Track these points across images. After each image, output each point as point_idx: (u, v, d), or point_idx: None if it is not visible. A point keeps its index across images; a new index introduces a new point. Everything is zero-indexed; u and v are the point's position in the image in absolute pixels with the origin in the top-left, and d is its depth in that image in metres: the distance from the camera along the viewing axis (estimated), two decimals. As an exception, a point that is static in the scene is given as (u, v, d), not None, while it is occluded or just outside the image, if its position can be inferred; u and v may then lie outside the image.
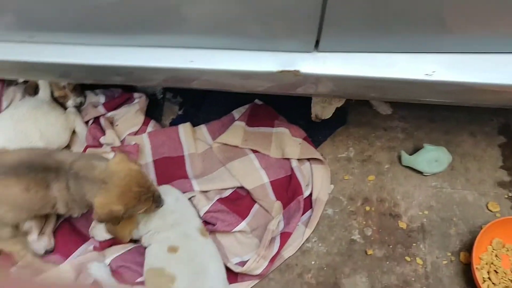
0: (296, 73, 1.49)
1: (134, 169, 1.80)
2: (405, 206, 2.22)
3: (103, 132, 2.40)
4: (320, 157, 2.30)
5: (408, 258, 2.09)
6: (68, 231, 2.21)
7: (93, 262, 2.04)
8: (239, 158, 2.32)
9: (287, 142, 2.32)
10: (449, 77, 1.46)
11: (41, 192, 1.83)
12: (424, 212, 2.20)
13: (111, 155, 2.26)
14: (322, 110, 2.27)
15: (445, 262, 2.08)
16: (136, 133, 2.44)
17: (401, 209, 2.22)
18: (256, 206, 2.23)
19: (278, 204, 2.17)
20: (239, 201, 2.24)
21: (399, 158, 2.33)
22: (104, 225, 2.01)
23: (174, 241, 1.95)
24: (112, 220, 1.79)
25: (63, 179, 1.82)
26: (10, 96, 2.57)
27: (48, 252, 2.11)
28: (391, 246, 2.13)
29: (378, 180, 2.30)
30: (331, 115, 2.31)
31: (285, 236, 2.12)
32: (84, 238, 2.19)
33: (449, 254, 2.10)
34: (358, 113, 2.49)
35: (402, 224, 2.17)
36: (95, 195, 1.75)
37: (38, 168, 1.83)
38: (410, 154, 2.31)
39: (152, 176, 2.30)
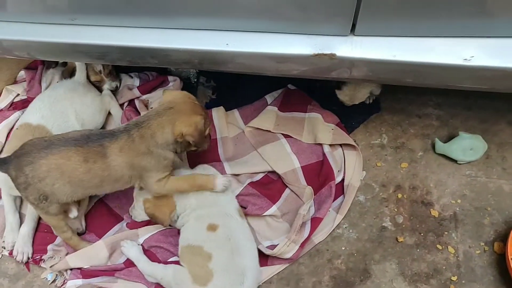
0: (331, 56, 1.49)
1: (185, 92, 1.98)
2: (437, 194, 2.20)
3: (138, 114, 2.44)
4: (353, 143, 2.29)
5: (439, 247, 2.07)
6: (102, 212, 2.28)
7: (126, 241, 2.10)
8: (271, 142, 2.33)
9: (320, 128, 2.32)
10: (488, 62, 1.43)
11: (99, 161, 1.84)
12: (457, 201, 2.17)
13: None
14: (352, 95, 2.26)
15: (478, 252, 2.05)
16: (170, 116, 2.48)
17: (433, 197, 2.19)
18: (287, 190, 2.24)
19: (309, 190, 2.17)
20: (270, 185, 2.26)
21: (433, 145, 2.30)
22: (144, 209, 2.05)
23: (214, 219, 1.98)
24: (199, 139, 1.89)
25: (121, 136, 1.84)
26: (48, 78, 2.64)
27: (79, 234, 2.17)
28: (422, 234, 2.11)
29: (411, 167, 2.28)
30: (364, 99, 2.30)
31: (316, 222, 2.13)
32: (117, 218, 2.26)
33: (482, 244, 2.07)
34: (392, 100, 2.46)
35: (434, 212, 2.15)
36: (171, 123, 1.84)
37: (97, 136, 1.86)
38: (445, 142, 2.27)
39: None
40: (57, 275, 2.11)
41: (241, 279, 1.88)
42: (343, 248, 2.11)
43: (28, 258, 2.14)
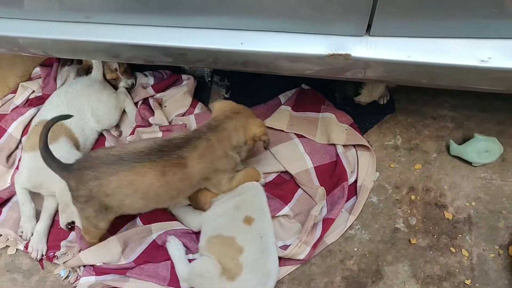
0: (346, 57, 1.49)
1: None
2: (451, 197, 2.18)
3: (152, 113, 2.46)
4: (367, 144, 2.28)
5: (453, 249, 2.06)
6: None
7: (173, 237, 2.07)
8: (284, 142, 2.33)
9: (333, 128, 2.31)
10: (506, 64, 1.41)
11: (179, 172, 1.82)
12: (471, 204, 2.15)
13: (159, 135, 2.33)
14: (370, 95, 2.26)
15: (492, 255, 2.03)
16: (183, 115, 2.50)
17: (447, 199, 2.18)
18: (299, 191, 2.23)
19: (321, 190, 2.17)
20: (283, 186, 2.25)
21: (448, 147, 2.28)
22: None
23: (252, 212, 2.00)
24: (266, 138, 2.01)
25: (199, 143, 1.85)
26: (64, 75, 2.67)
27: None
28: (435, 236, 2.09)
29: (425, 169, 2.26)
30: (381, 94, 2.30)
31: (328, 222, 2.12)
32: (131, 216, 2.26)
33: (497, 247, 2.05)
34: (407, 101, 2.45)
35: (448, 215, 2.13)
36: (242, 126, 1.95)
37: (169, 147, 1.82)
38: (459, 144, 2.25)
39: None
40: (70, 271, 2.12)
41: (265, 279, 1.89)
42: (355, 249, 2.10)
43: (42, 255, 2.16)
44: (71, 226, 2.20)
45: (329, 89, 2.47)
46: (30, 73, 2.72)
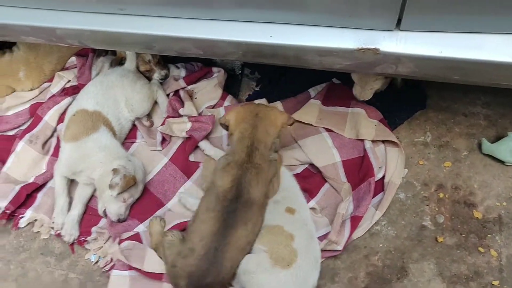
0: (375, 51, 1.48)
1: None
2: (481, 196, 2.14)
3: (182, 104, 2.49)
4: (396, 140, 2.26)
5: (481, 249, 2.02)
6: (145, 197, 2.33)
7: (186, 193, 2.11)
8: (312, 135, 2.33)
9: (362, 123, 2.30)
10: (543, 61, 1.38)
11: (253, 213, 1.90)
12: (502, 204, 2.11)
13: (188, 125, 2.37)
14: (361, 91, 2.25)
15: (522, 256, 2.00)
16: (213, 107, 2.52)
17: (477, 198, 2.14)
18: (326, 185, 2.24)
19: (347, 186, 2.16)
20: (309, 179, 2.26)
21: (479, 145, 2.24)
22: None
23: (292, 203, 2.02)
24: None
25: (251, 177, 1.89)
26: (99, 66, 2.73)
27: (120, 221, 2.22)
28: (463, 235, 2.06)
29: (455, 167, 2.23)
30: (370, 96, 2.28)
31: (355, 220, 2.11)
32: (159, 205, 2.31)
33: (528, 249, 2.01)
34: (438, 97, 2.41)
35: (477, 214, 2.10)
36: (268, 124, 1.96)
37: (231, 202, 1.86)
38: (492, 143, 2.21)
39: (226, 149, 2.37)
40: (100, 256, 2.19)
41: (316, 264, 1.92)
42: (380, 245, 2.09)
43: (74, 240, 2.23)
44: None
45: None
46: (65, 60, 2.79)
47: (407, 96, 2.40)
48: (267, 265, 1.83)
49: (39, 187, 2.39)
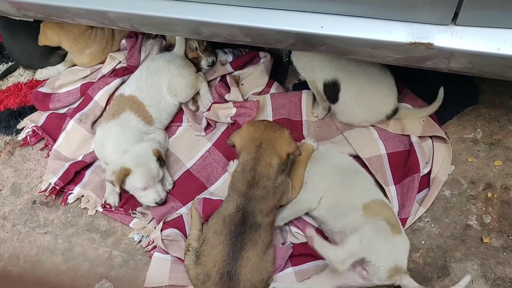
0: (429, 46, 1.44)
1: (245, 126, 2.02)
2: (533, 198, 2.07)
3: (228, 90, 2.51)
4: (444, 136, 2.20)
5: (529, 253, 1.96)
6: (188, 180, 2.37)
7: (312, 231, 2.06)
8: (358, 127, 2.30)
9: (409, 118, 2.26)
10: None
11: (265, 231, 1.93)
12: (555, 207, 2.04)
13: (233, 111, 2.39)
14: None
15: None
16: (260, 93, 2.53)
17: (528, 200, 2.07)
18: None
19: (393, 189, 2.15)
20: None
21: (534, 145, 2.15)
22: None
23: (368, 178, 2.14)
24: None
25: (259, 201, 1.90)
26: (148, 48, 2.78)
27: (159, 204, 2.26)
28: (510, 238, 2.00)
29: (506, 166, 2.15)
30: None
31: (401, 222, 2.04)
32: (202, 188, 2.34)
33: None
34: (492, 93, 2.33)
35: (527, 217, 2.03)
36: (272, 154, 1.90)
37: (242, 232, 1.88)
38: (548, 143, 2.12)
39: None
40: (143, 236, 2.25)
41: None
42: (422, 242, 2.06)
43: (115, 206, 2.32)
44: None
45: (408, 77, 2.39)
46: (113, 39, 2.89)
47: (458, 90, 2.31)
48: (388, 231, 1.87)
49: (87, 165, 2.47)
